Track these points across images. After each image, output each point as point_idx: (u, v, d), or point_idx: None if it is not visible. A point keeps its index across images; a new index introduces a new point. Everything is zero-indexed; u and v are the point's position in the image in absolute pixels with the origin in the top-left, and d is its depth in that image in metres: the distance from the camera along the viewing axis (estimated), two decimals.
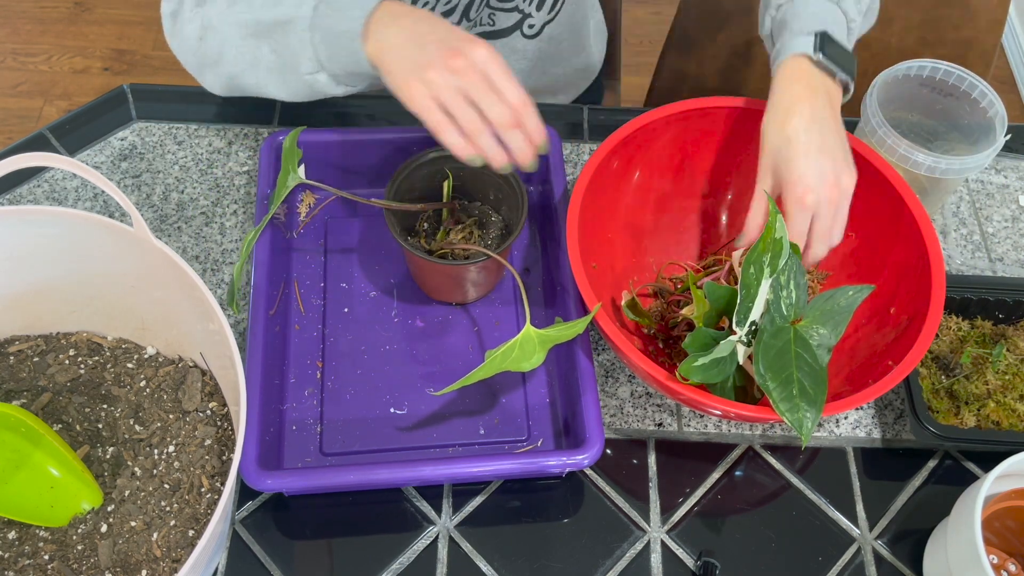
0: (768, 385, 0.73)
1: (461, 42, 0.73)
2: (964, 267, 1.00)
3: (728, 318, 0.79)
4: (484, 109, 0.73)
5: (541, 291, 0.94)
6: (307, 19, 0.78)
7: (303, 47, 0.79)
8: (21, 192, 0.98)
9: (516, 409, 0.86)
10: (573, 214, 0.82)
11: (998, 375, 0.89)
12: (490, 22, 1.05)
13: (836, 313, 0.74)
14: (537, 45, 1.11)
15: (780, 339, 0.74)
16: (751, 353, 0.78)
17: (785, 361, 0.73)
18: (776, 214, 0.75)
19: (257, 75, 0.85)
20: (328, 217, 0.97)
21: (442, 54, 0.72)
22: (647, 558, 0.81)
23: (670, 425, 0.88)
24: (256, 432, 0.77)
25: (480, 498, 0.83)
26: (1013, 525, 0.80)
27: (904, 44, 1.26)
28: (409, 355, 0.89)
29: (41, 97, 2.16)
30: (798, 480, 0.86)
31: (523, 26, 1.06)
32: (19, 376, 0.83)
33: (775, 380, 0.73)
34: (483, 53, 0.73)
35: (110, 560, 0.74)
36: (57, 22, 2.29)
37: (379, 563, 0.80)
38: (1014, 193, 1.06)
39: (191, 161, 1.02)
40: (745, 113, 0.91)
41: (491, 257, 0.83)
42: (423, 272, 0.89)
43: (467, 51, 0.72)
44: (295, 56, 0.81)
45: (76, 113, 1.04)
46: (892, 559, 0.83)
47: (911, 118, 0.99)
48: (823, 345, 0.74)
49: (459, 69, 0.72)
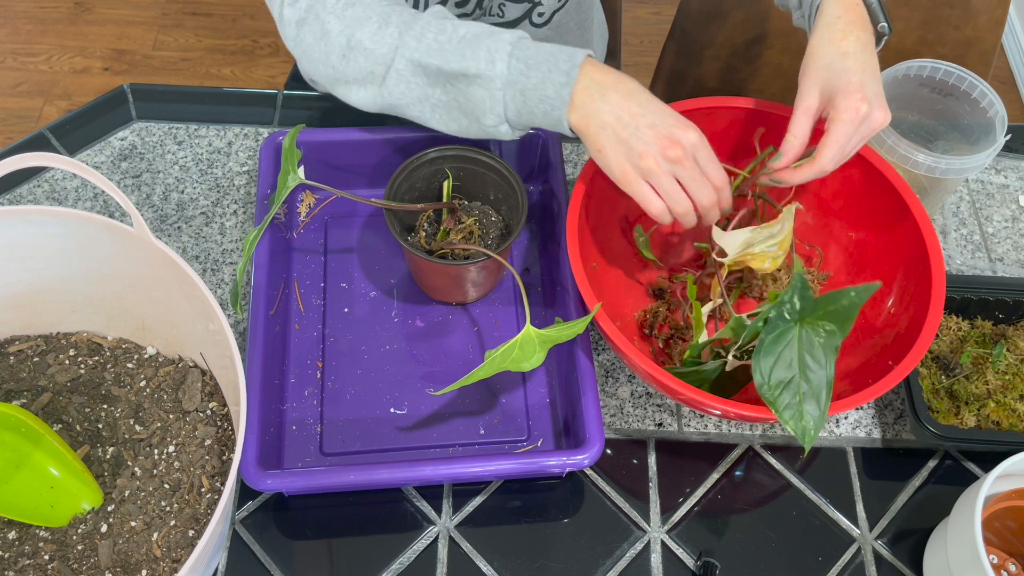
0: (770, 395, 0.72)
1: (674, 129, 0.74)
2: (964, 267, 1.00)
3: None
4: (695, 197, 0.77)
5: (541, 291, 0.94)
6: (502, 78, 0.77)
7: (493, 103, 0.78)
8: (21, 192, 0.98)
9: (516, 409, 0.86)
10: (573, 214, 0.82)
11: (998, 375, 0.89)
12: (500, 12, 1.05)
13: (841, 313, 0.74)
14: (546, 34, 1.10)
15: (783, 342, 0.73)
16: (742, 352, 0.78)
17: (789, 367, 0.73)
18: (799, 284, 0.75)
19: (422, 110, 0.83)
20: (328, 217, 0.97)
21: (659, 144, 0.74)
22: (647, 558, 0.81)
23: (670, 425, 0.88)
24: (256, 432, 0.77)
25: (480, 498, 0.83)
26: (1013, 525, 0.80)
27: (904, 44, 1.26)
28: (409, 355, 0.89)
29: (41, 97, 2.16)
30: (798, 480, 0.86)
31: (532, 14, 1.06)
32: (19, 376, 0.83)
33: (777, 389, 0.73)
34: (694, 139, 0.75)
35: (110, 560, 0.74)
36: (57, 22, 2.29)
37: (379, 563, 0.80)
38: (1014, 193, 1.06)
39: (191, 161, 1.02)
40: (745, 113, 0.91)
41: (491, 257, 0.83)
42: (423, 272, 0.89)
43: (681, 138, 0.74)
44: (479, 108, 0.79)
45: (76, 113, 1.04)
46: (892, 559, 0.83)
47: (911, 118, 0.99)
48: (830, 344, 0.74)
49: (675, 159, 0.75)
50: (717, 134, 0.93)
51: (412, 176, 0.88)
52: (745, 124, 0.92)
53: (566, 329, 0.78)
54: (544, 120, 0.78)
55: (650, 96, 0.77)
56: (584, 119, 0.76)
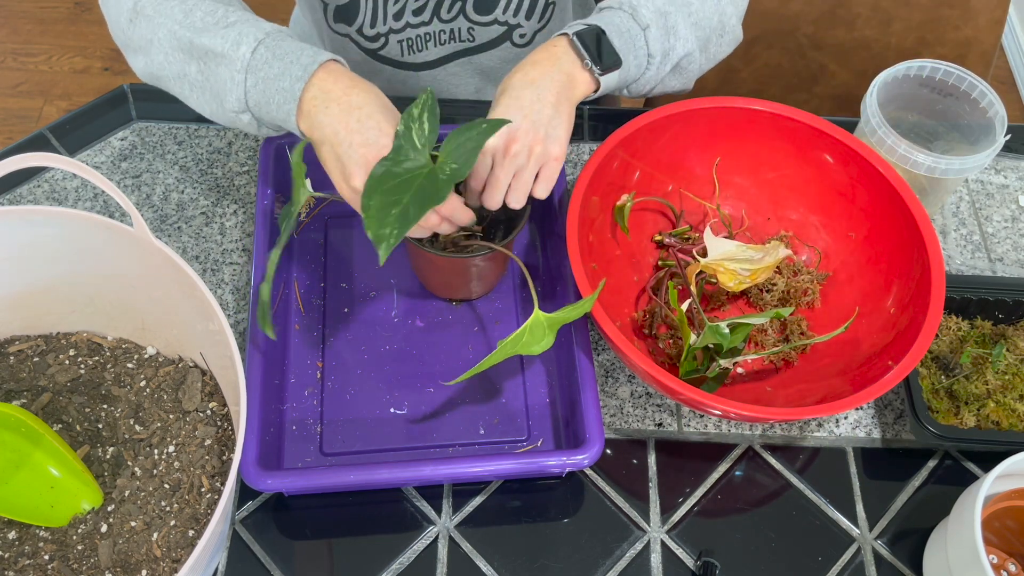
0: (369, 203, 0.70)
1: (383, 151, 0.73)
2: (964, 267, 1.00)
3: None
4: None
5: (541, 291, 0.94)
6: (244, 61, 0.77)
7: (234, 86, 0.78)
8: (21, 192, 0.98)
9: (516, 409, 0.86)
10: (573, 214, 0.82)
11: (998, 375, 0.89)
12: (470, 37, 1.05)
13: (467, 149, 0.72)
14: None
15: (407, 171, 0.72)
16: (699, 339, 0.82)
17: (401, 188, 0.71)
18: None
19: (182, 87, 0.83)
20: (328, 217, 0.97)
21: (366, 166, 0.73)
22: (647, 558, 0.81)
23: (670, 425, 0.88)
24: (256, 432, 0.77)
25: (480, 498, 0.83)
26: (1013, 525, 0.80)
27: (904, 44, 1.26)
28: (409, 355, 0.89)
29: (41, 97, 2.16)
30: (798, 480, 0.86)
31: (513, 36, 1.06)
32: (19, 376, 0.83)
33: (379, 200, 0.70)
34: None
35: (110, 560, 0.74)
36: (57, 22, 2.29)
37: (379, 563, 0.80)
38: (1014, 193, 1.06)
39: (191, 161, 1.02)
40: (744, 113, 0.91)
41: (495, 250, 0.83)
42: (428, 268, 0.89)
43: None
44: (223, 90, 0.79)
45: (76, 113, 1.04)
46: (892, 559, 0.83)
47: (911, 118, 0.99)
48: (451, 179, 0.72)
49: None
50: (716, 134, 0.93)
51: None
52: (744, 124, 0.92)
53: (574, 309, 0.78)
54: (278, 114, 0.78)
55: (373, 110, 0.75)
56: (309, 129, 0.77)
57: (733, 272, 0.87)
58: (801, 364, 0.89)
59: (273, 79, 0.77)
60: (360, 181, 0.73)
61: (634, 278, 0.94)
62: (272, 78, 0.77)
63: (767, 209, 0.96)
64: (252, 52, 0.77)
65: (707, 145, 0.94)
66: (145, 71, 0.85)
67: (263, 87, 0.77)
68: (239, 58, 0.77)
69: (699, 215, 0.97)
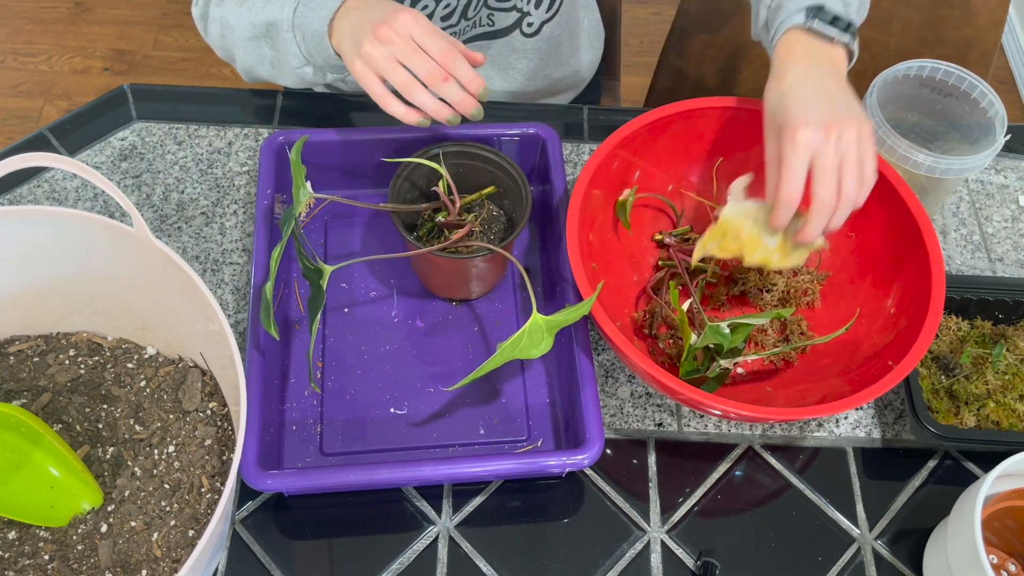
0: None
1: (387, 14, 0.79)
2: (964, 267, 1.00)
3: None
4: (413, 68, 0.79)
5: (541, 291, 0.94)
6: (289, 20, 0.86)
7: (290, 44, 0.87)
8: (21, 192, 0.98)
9: (516, 409, 0.86)
10: (573, 214, 0.82)
11: (998, 375, 0.89)
12: (489, 22, 1.06)
13: None
14: (536, 44, 1.11)
15: None
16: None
17: None
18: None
19: (264, 69, 0.94)
20: (328, 217, 0.97)
21: (372, 28, 0.79)
22: (647, 558, 0.81)
23: (670, 425, 0.88)
24: (256, 432, 0.77)
25: (480, 498, 0.83)
26: (1013, 525, 0.80)
27: (904, 44, 1.26)
28: (409, 355, 0.89)
29: (41, 97, 2.16)
30: (798, 480, 0.86)
31: (522, 24, 1.07)
32: (19, 376, 0.83)
33: None
34: (405, 18, 0.78)
35: (110, 560, 0.74)
36: (57, 22, 2.29)
37: (379, 563, 0.80)
38: (1014, 193, 1.06)
39: (191, 161, 1.02)
40: (744, 113, 0.91)
41: (495, 251, 0.83)
42: (428, 268, 0.89)
43: (391, 20, 0.78)
44: (286, 52, 0.89)
45: (76, 113, 1.04)
46: (892, 559, 0.83)
47: (911, 118, 0.99)
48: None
49: (386, 38, 0.78)
50: (716, 134, 0.93)
51: (413, 174, 0.88)
52: (743, 124, 0.92)
53: (572, 312, 0.78)
54: (324, 53, 0.85)
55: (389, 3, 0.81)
56: (337, 39, 0.83)
57: (756, 239, 0.81)
58: (801, 364, 0.89)
59: (309, 24, 0.84)
60: (369, 46, 0.78)
61: (634, 278, 0.94)
62: (308, 24, 0.84)
63: None
64: (293, 12, 0.86)
65: (707, 145, 0.94)
66: (242, 74, 0.98)
67: (304, 34, 0.85)
68: (285, 19, 0.86)
69: (700, 215, 0.97)
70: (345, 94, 1.10)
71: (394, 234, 0.94)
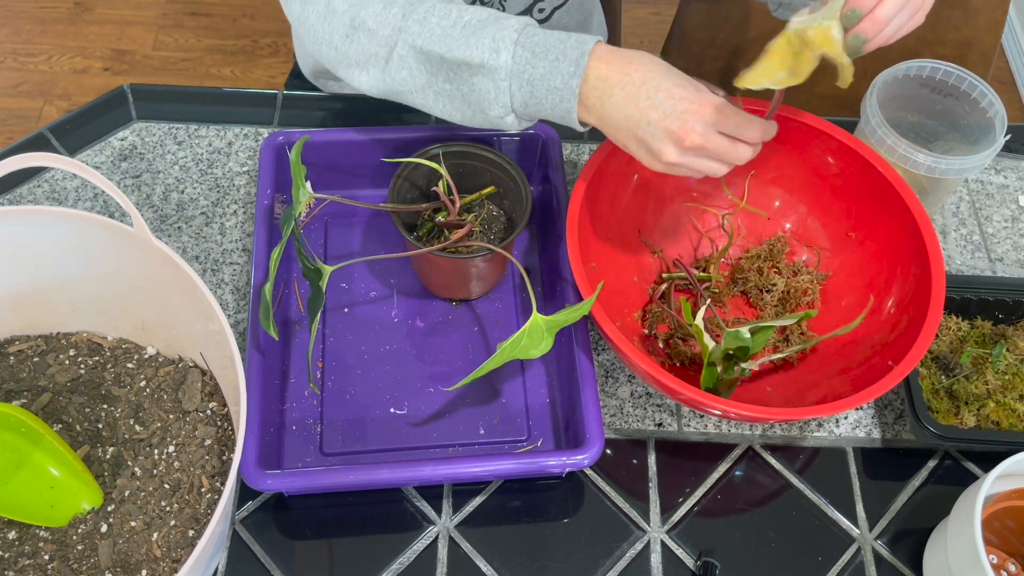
0: None
1: (685, 116, 0.71)
2: (964, 267, 1.00)
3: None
4: (729, 161, 0.75)
5: (541, 292, 0.94)
6: (506, 68, 0.74)
7: (498, 93, 0.75)
8: (21, 192, 0.98)
9: (516, 409, 0.86)
10: (573, 214, 0.82)
11: (998, 375, 0.89)
12: (501, 6, 1.05)
13: None
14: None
15: None
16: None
17: None
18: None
19: (425, 97, 0.80)
20: (328, 217, 0.97)
21: (673, 138, 0.72)
22: (647, 558, 0.81)
23: (670, 425, 0.88)
24: (256, 432, 0.77)
25: (480, 498, 0.83)
26: (1013, 525, 0.80)
27: (904, 44, 1.26)
28: (409, 355, 0.89)
29: (41, 97, 2.16)
30: (798, 480, 0.86)
31: (533, 10, 1.05)
32: (19, 376, 0.83)
33: None
34: (708, 116, 0.72)
35: (110, 560, 0.74)
36: (57, 22, 2.29)
37: (379, 563, 0.80)
38: (1014, 193, 1.06)
39: (191, 161, 1.02)
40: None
41: (495, 251, 0.83)
42: (428, 268, 0.89)
43: (694, 127, 0.71)
44: (484, 98, 0.76)
45: (76, 113, 1.04)
46: (892, 559, 0.83)
47: (911, 118, 0.99)
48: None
49: (694, 147, 0.72)
50: None
51: (414, 174, 0.88)
52: None
53: (572, 312, 0.78)
54: (553, 112, 0.76)
55: (658, 81, 0.72)
56: (599, 121, 0.75)
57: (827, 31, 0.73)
58: (801, 364, 0.89)
59: (540, 79, 0.74)
60: (672, 154, 0.72)
61: (635, 278, 0.93)
62: (539, 78, 0.74)
63: (767, 209, 0.96)
64: (512, 57, 0.74)
65: None
66: (376, 86, 0.82)
67: (530, 89, 0.75)
68: (500, 66, 0.74)
69: (702, 219, 0.97)
70: (345, 94, 1.10)
71: (394, 234, 0.94)
